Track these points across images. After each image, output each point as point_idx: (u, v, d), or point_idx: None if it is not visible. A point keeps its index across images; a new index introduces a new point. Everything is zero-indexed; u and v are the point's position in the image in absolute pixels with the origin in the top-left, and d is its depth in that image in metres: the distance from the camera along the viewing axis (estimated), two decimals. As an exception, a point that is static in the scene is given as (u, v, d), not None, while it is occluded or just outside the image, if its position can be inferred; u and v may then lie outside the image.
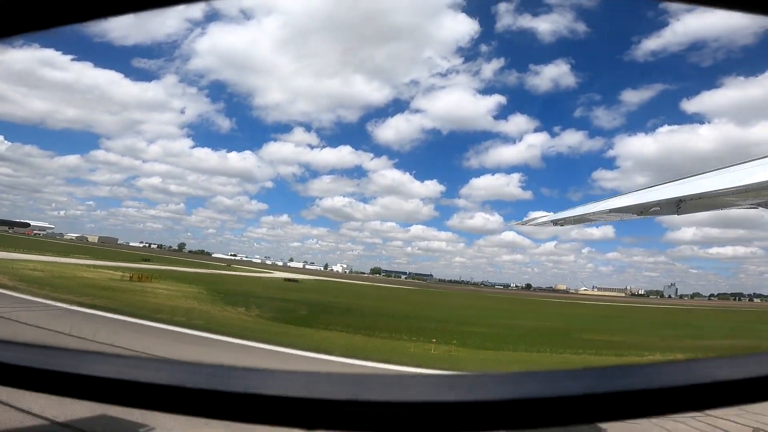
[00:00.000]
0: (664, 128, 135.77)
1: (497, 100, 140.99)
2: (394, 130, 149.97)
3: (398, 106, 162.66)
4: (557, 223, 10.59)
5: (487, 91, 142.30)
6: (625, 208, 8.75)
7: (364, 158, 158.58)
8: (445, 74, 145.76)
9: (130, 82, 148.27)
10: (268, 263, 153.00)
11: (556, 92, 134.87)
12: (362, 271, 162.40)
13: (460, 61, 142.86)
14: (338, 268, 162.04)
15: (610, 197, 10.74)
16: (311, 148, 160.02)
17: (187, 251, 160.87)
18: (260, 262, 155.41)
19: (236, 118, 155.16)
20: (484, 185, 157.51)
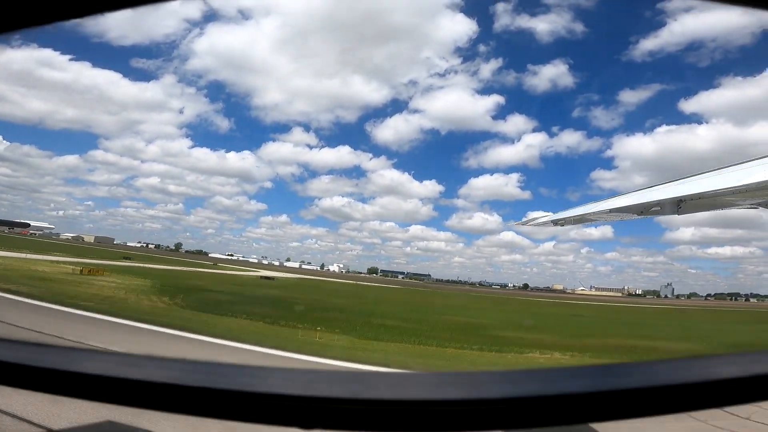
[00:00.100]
0: (662, 128, 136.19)
1: (496, 100, 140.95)
2: (392, 130, 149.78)
3: (397, 106, 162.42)
4: (557, 223, 10.54)
5: (485, 91, 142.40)
6: (625, 208, 8.70)
7: (362, 158, 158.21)
8: (443, 74, 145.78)
9: (128, 82, 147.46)
10: (264, 263, 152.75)
11: (554, 92, 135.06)
12: (359, 271, 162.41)
13: (458, 61, 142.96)
14: (335, 268, 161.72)
15: (608, 197, 10.72)
16: (310, 148, 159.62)
17: (183, 251, 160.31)
18: (257, 261, 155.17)
19: (235, 118, 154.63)
20: (482, 185, 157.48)
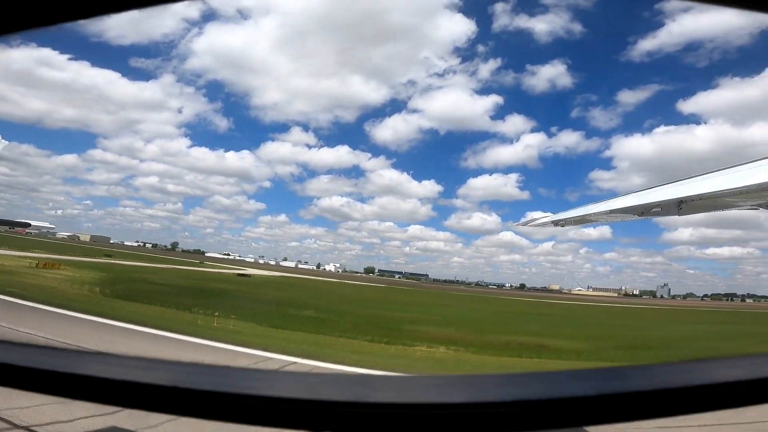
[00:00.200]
0: (660, 129, 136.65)
1: (494, 100, 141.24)
2: (391, 130, 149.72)
3: (396, 106, 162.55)
4: (558, 223, 10.45)
5: (484, 91, 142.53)
6: (625, 209, 8.62)
7: (361, 158, 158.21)
8: (442, 74, 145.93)
9: (127, 81, 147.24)
10: (261, 262, 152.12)
11: (553, 92, 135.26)
12: (357, 270, 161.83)
13: (457, 61, 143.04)
14: (331, 267, 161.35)
15: (607, 198, 10.64)
16: (309, 147, 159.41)
17: (180, 250, 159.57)
18: (253, 261, 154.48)
19: (234, 117, 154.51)
20: (481, 185, 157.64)
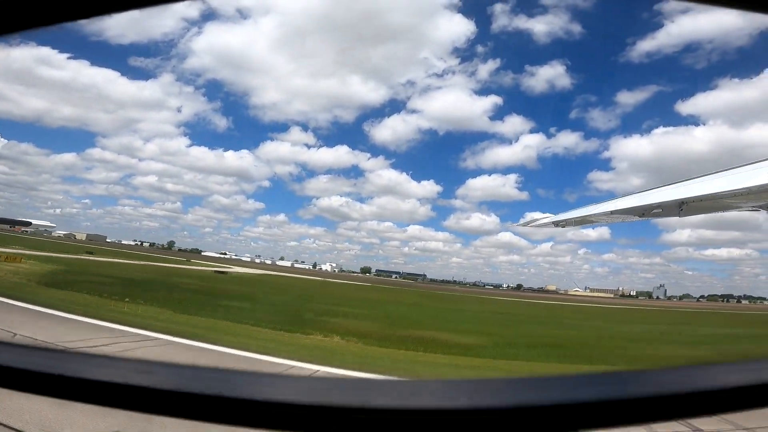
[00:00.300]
0: (659, 130, 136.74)
1: (493, 100, 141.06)
2: (390, 130, 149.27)
3: (395, 106, 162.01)
4: (558, 224, 10.37)
5: (483, 91, 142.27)
6: (626, 209, 8.55)
7: (360, 158, 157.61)
8: (441, 75, 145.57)
9: (126, 80, 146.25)
10: (257, 261, 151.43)
11: (552, 93, 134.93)
12: (354, 270, 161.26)
13: (456, 61, 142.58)
14: (327, 267, 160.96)
15: (606, 199, 10.58)
16: (308, 147, 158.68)
17: (176, 249, 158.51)
18: (249, 260, 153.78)
19: (233, 117, 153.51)
20: (480, 186, 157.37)
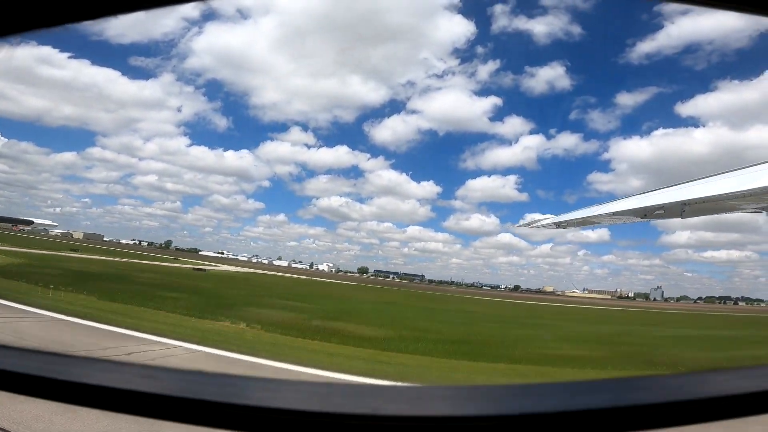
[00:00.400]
0: (658, 131, 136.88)
1: (493, 101, 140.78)
2: (390, 130, 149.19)
3: (394, 106, 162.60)
4: (560, 225, 10.29)
5: (483, 92, 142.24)
6: (629, 211, 8.48)
7: (360, 158, 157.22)
8: (441, 75, 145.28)
9: (127, 80, 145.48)
10: (254, 261, 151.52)
11: (551, 94, 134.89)
12: (351, 270, 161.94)
13: (456, 62, 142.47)
14: (324, 267, 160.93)
15: (605, 200, 10.50)
16: (308, 147, 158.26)
17: (174, 249, 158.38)
18: (246, 260, 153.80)
19: (233, 117, 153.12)
20: (480, 186, 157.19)
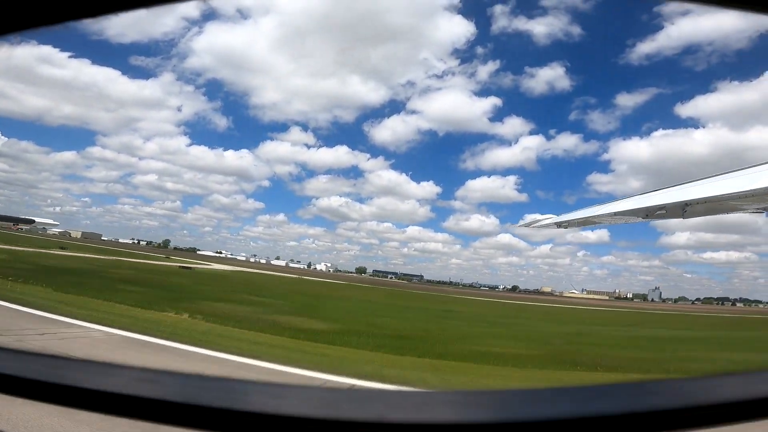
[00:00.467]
0: (658, 132, 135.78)
1: (493, 102, 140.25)
2: (390, 130, 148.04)
3: (394, 107, 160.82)
4: (561, 225, 10.18)
5: (482, 93, 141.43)
6: (630, 211, 8.37)
7: (360, 158, 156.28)
8: (441, 76, 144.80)
9: (127, 79, 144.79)
10: (251, 261, 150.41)
11: (551, 95, 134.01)
12: (349, 270, 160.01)
13: (456, 62, 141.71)
14: (322, 267, 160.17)
15: (605, 201, 10.41)
16: (308, 147, 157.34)
17: (172, 248, 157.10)
18: (244, 259, 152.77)
19: (233, 116, 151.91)
20: (480, 187, 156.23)
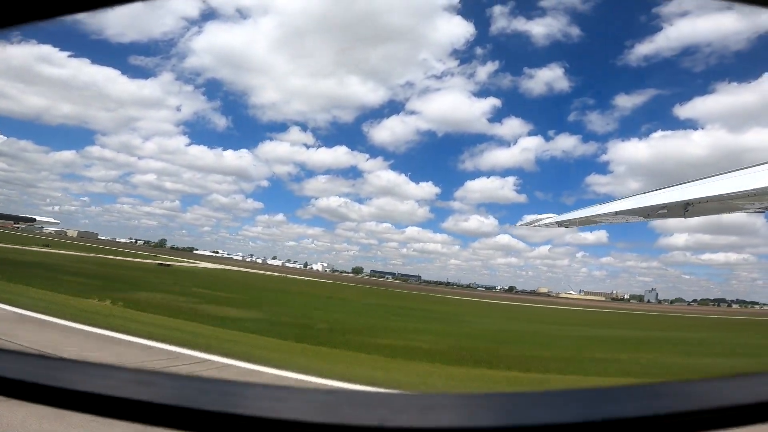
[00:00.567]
0: (657, 133, 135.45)
1: (492, 102, 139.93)
2: (389, 131, 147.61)
3: (393, 107, 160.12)
4: (562, 224, 10.06)
5: (481, 93, 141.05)
6: (632, 210, 8.28)
7: (359, 159, 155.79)
8: (440, 76, 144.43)
9: (126, 79, 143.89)
10: (248, 260, 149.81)
11: (550, 96, 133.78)
12: (346, 270, 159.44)
13: (455, 63, 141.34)
14: (318, 267, 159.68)
15: (603, 202, 10.30)
16: (307, 147, 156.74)
17: (169, 247, 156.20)
18: (240, 259, 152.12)
19: (232, 116, 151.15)
20: (479, 188, 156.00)
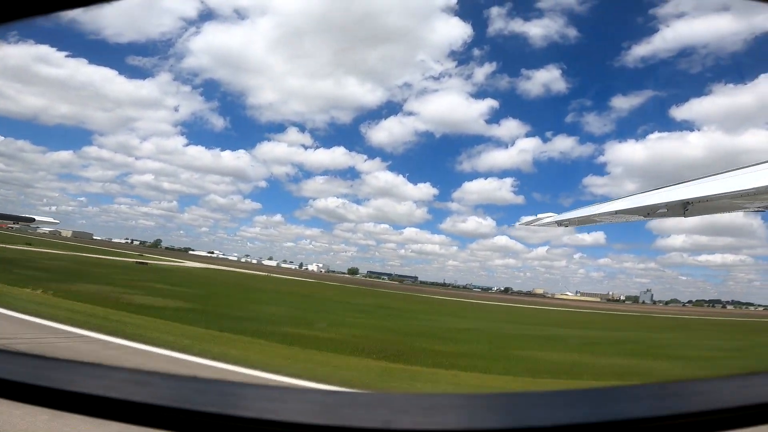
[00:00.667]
0: (653, 135, 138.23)
1: (489, 104, 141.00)
2: (387, 132, 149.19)
3: (391, 108, 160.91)
4: (561, 224, 10.00)
5: (479, 94, 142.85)
6: (631, 209, 8.22)
7: (357, 159, 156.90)
8: (437, 77, 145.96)
9: (124, 79, 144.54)
10: (242, 261, 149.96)
11: (547, 97, 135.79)
12: (342, 271, 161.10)
13: (452, 64, 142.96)
14: (314, 267, 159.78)
15: (601, 203, 10.26)
16: (305, 148, 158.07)
17: (164, 248, 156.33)
18: (236, 260, 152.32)
19: (230, 117, 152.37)
20: (476, 189, 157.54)
